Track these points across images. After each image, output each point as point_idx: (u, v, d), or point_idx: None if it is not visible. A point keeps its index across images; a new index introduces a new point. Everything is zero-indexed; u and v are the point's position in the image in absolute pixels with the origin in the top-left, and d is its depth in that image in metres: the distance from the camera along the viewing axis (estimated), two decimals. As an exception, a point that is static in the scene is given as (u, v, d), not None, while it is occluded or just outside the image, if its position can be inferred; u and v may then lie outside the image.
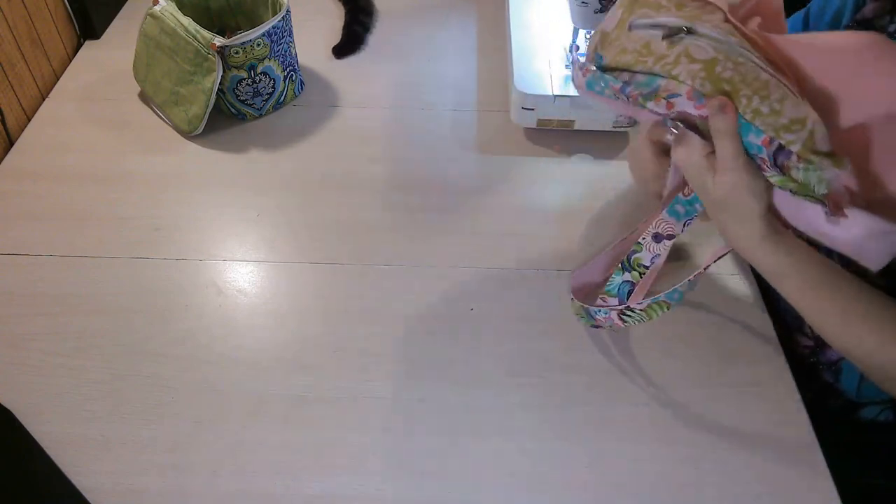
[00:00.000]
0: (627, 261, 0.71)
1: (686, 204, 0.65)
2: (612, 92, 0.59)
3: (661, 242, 0.69)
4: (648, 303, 0.67)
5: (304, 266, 0.83)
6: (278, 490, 0.65)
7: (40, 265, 0.83)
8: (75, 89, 1.07)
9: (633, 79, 0.57)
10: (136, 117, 1.02)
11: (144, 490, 0.64)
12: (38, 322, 0.77)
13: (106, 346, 0.75)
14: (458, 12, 1.25)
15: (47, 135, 0.99)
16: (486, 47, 1.17)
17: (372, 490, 0.65)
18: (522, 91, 0.94)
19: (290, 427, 0.69)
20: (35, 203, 0.90)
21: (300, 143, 0.99)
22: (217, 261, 0.84)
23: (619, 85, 0.58)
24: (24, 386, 0.72)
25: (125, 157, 0.96)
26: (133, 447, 0.67)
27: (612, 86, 0.59)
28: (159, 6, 0.96)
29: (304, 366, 0.74)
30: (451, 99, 1.07)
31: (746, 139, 0.54)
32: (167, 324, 0.77)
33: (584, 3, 0.89)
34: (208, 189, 0.92)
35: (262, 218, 0.89)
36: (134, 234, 0.86)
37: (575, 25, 0.96)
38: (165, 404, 0.70)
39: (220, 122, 1.01)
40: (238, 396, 0.71)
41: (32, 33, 1.03)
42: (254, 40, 0.93)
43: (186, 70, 0.95)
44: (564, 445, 0.68)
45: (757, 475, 0.66)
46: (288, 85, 1.03)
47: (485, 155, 0.98)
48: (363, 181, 0.94)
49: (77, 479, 0.65)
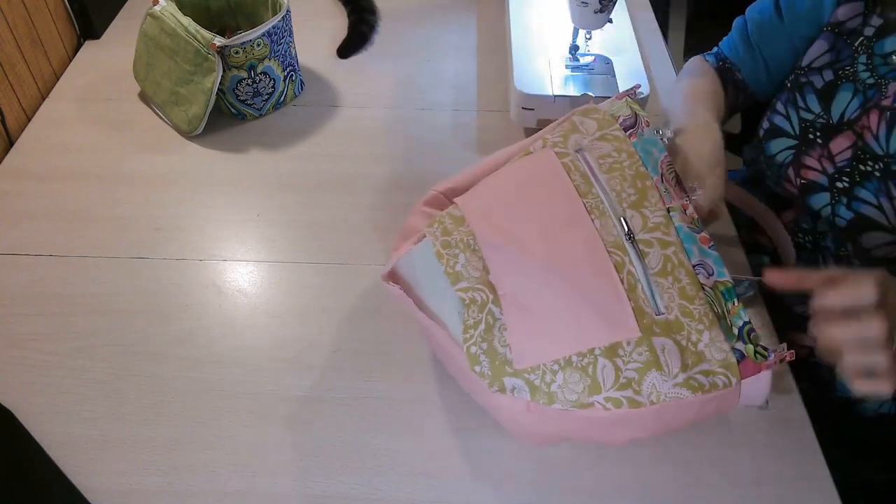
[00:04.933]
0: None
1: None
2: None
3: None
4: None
5: (304, 266, 0.83)
6: (278, 490, 0.64)
7: (40, 265, 0.83)
8: (75, 89, 1.07)
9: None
10: (136, 117, 1.02)
11: (144, 490, 0.64)
12: (38, 322, 0.77)
13: (106, 346, 0.75)
14: (458, 12, 1.25)
15: (47, 135, 0.99)
16: (486, 47, 1.17)
17: (372, 490, 0.65)
18: (522, 91, 0.94)
19: (290, 427, 0.69)
20: (35, 203, 0.90)
21: (300, 143, 0.99)
22: (217, 261, 0.84)
23: None
24: (24, 386, 0.72)
25: (125, 157, 0.96)
26: (133, 447, 0.67)
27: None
28: (159, 6, 0.96)
29: (304, 366, 0.74)
30: (451, 99, 1.07)
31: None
32: (167, 324, 0.77)
33: (584, 3, 0.89)
34: (208, 189, 0.92)
35: (262, 218, 0.89)
36: (134, 234, 0.86)
37: (575, 25, 0.96)
38: (165, 404, 0.70)
39: (220, 122, 1.01)
40: (238, 396, 0.71)
41: (32, 33, 1.03)
42: (254, 40, 0.93)
43: (186, 70, 0.95)
44: (566, 445, 0.68)
45: (757, 476, 0.66)
46: (288, 85, 1.03)
47: (485, 155, 0.98)
48: (363, 181, 0.94)
49: (77, 479, 0.65)
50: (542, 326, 0.55)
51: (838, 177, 0.73)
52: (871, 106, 0.71)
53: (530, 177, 0.62)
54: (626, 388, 0.53)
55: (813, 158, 0.76)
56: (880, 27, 0.70)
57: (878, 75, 0.70)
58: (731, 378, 0.53)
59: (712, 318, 0.54)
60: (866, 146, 0.71)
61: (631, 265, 0.56)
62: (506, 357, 0.56)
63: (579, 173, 0.61)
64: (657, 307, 0.55)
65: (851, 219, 0.73)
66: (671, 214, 0.58)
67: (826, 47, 0.74)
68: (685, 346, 0.54)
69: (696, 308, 0.55)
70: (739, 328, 0.54)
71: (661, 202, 0.59)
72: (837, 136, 0.73)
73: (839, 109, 0.73)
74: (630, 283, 0.55)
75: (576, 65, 0.99)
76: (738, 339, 0.54)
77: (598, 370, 0.54)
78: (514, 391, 0.56)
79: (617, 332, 0.54)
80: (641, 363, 0.54)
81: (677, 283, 0.55)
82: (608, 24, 0.93)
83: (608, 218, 0.58)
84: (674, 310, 0.55)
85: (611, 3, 0.89)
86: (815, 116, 0.75)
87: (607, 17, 0.92)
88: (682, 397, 0.53)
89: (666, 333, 0.54)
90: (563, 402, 0.55)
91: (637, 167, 0.61)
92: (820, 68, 0.75)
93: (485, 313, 0.57)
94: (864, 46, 0.71)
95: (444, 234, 0.60)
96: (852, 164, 0.72)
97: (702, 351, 0.54)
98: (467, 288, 0.57)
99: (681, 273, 0.56)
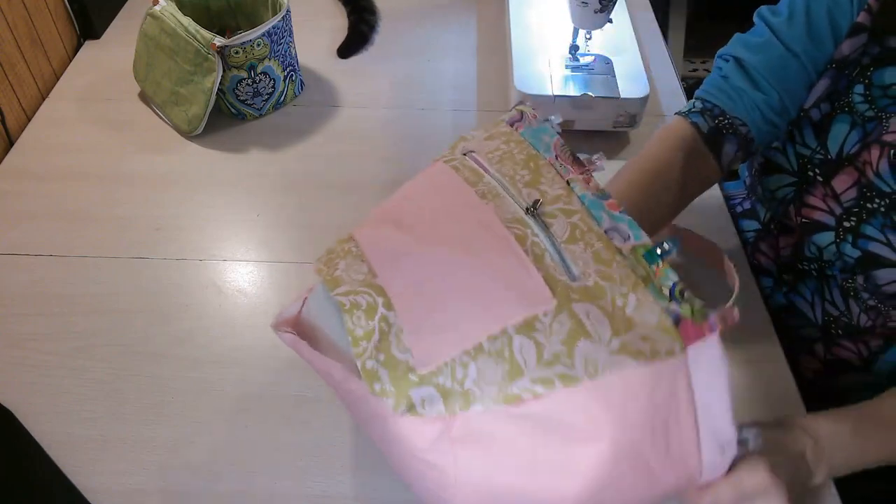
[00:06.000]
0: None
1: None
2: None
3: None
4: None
5: (304, 266, 0.83)
6: (278, 490, 0.64)
7: (40, 265, 0.83)
8: (75, 89, 1.07)
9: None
10: (136, 117, 1.02)
11: (144, 490, 0.64)
12: (38, 322, 0.77)
13: (106, 346, 0.75)
14: (458, 12, 1.25)
15: (47, 135, 0.99)
16: (486, 47, 1.17)
17: (372, 490, 0.65)
18: (522, 91, 0.94)
19: (290, 427, 0.69)
20: (35, 203, 0.90)
21: (300, 143, 0.99)
22: (217, 261, 0.84)
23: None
24: (24, 386, 0.72)
25: (125, 157, 0.96)
26: (133, 447, 0.67)
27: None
28: (159, 6, 0.96)
29: (304, 366, 0.73)
30: (451, 99, 1.07)
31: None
32: (167, 324, 0.77)
33: (584, 3, 0.89)
34: (208, 189, 0.92)
35: (262, 218, 0.89)
36: (134, 234, 0.86)
37: (575, 25, 0.96)
38: (165, 404, 0.70)
39: (220, 122, 1.01)
40: (238, 396, 0.71)
41: (32, 33, 1.03)
42: (254, 40, 0.93)
43: (186, 70, 0.95)
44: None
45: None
46: (288, 85, 1.03)
47: (485, 155, 0.98)
48: (363, 181, 0.94)
49: (77, 479, 0.65)
50: (445, 316, 0.48)
51: (846, 217, 0.69)
52: (871, 140, 0.67)
53: (417, 186, 0.59)
54: (555, 364, 0.46)
55: (816, 198, 0.72)
56: (877, 56, 0.66)
57: (878, 108, 0.66)
58: (674, 343, 0.46)
59: (635, 279, 0.48)
60: (871, 183, 0.67)
61: (534, 237, 0.51)
62: (408, 364, 0.47)
63: (468, 169, 0.57)
64: (571, 273, 0.49)
65: (859, 257, 0.69)
66: (571, 186, 0.54)
67: (827, 84, 0.69)
68: (611, 311, 0.47)
69: (614, 272, 0.48)
70: (670, 289, 0.48)
71: (559, 177, 0.55)
72: (839, 174, 0.70)
73: (836, 144, 0.69)
74: (536, 254, 0.50)
75: (576, 65, 0.99)
76: (670, 301, 0.47)
77: (514, 351, 0.46)
78: (424, 404, 0.47)
79: (528, 303, 0.47)
80: (565, 334, 0.46)
81: (590, 248, 0.50)
82: (608, 24, 0.93)
83: (503, 199, 0.54)
84: (591, 276, 0.48)
85: (611, 3, 0.89)
86: (812, 152, 0.71)
87: (607, 17, 0.92)
88: (623, 366, 0.45)
89: (587, 299, 0.47)
90: (482, 401, 0.46)
91: (528, 151, 0.58)
92: (817, 102, 0.70)
93: (376, 320, 0.49)
94: (860, 76, 0.67)
95: (329, 254, 0.56)
96: (860, 203, 0.68)
97: (630, 317, 0.47)
98: (347, 291, 0.51)
99: (591, 238, 0.50)
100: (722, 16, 0.88)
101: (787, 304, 0.81)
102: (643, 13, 1.24)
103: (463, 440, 0.47)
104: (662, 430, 0.46)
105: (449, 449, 0.47)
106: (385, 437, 0.51)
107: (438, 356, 0.47)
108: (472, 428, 0.47)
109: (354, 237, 0.56)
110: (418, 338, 0.48)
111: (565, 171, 0.55)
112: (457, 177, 0.56)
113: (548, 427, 0.46)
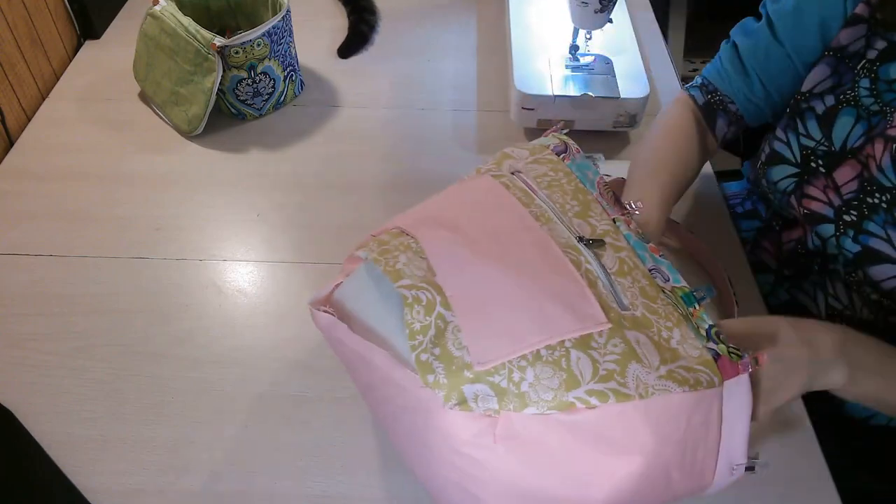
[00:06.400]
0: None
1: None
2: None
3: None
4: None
5: (304, 266, 0.83)
6: (278, 490, 0.64)
7: (40, 265, 0.83)
8: (75, 89, 1.07)
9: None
10: (136, 117, 1.02)
11: (144, 490, 0.64)
12: (38, 322, 0.77)
13: (106, 346, 0.75)
14: (458, 12, 1.25)
15: (47, 135, 0.99)
16: (486, 47, 1.17)
17: (372, 490, 0.65)
18: (522, 91, 0.94)
19: (290, 427, 0.69)
20: (35, 203, 0.90)
21: (300, 143, 0.99)
22: (217, 261, 0.84)
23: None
24: (24, 386, 0.72)
25: (125, 157, 0.96)
26: (133, 447, 0.67)
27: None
28: (159, 6, 0.96)
29: (304, 366, 0.74)
30: (451, 99, 1.07)
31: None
32: (167, 324, 0.77)
33: (584, 3, 0.89)
34: (208, 189, 0.92)
35: (262, 218, 0.89)
36: (134, 234, 0.86)
37: (575, 25, 0.96)
38: (165, 404, 0.70)
39: (220, 122, 1.01)
40: (238, 396, 0.71)
41: (32, 33, 1.03)
42: (254, 40, 0.93)
43: (186, 70, 0.95)
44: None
45: (759, 478, 0.66)
46: (288, 85, 1.03)
47: (485, 155, 0.98)
48: (363, 181, 0.94)
49: (77, 479, 0.65)
50: (502, 322, 0.51)
51: (845, 209, 0.70)
52: (875, 134, 0.67)
53: (469, 195, 0.61)
54: (609, 380, 0.48)
55: (817, 189, 0.72)
56: (884, 50, 0.66)
57: (883, 102, 0.67)
58: (714, 376, 0.50)
59: (678, 317, 0.53)
60: (873, 178, 0.68)
61: (588, 264, 0.54)
62: (463, 360, 0.49)
63: (518, 189, 0.60)
64: (622, 303, 0.53)
65: (858, 252, 0.69)
66: (617, 224, 0.58)
67: (828, 72, 0.70)
68: (658, 341, 0.51)
69: (659, 307, 0.53)
70: (707, 329, 0.52)
71: (606, 213, 0.59)
72: (842, 166, 0.70)
73: (841, 136, 0.70)
74: (590, 279, 0.53)
75: (576, 65, 0.99)
76: (708, 340, 0.52)
77: (572, 363, 0.49)
78: (477, 400, 0.48)
79: (585, 322, 0.50)
80: (619, 354, 0.50)
81: (637, 283, 0.54)
82: (608, 24, 0.93)
83: (556, 224, 0.57)
84: (639, 307, 0.53)
85: (611, 2, 0.89)
86: (817, 143, 0.72)
87: (607, 17, 0.92)
88: (670, 390, 0.49)
89: (636, 328, 0.51)
90: (537, 405, 0.48)
91: (576, 184, 0.61)
92: (821, 94, 0.71)
93: (433, 317, 0.51)
94: (866, 70, 0.68)
95: (381, 245, 0.57)
96: (860, 196, 0.69)
97: (675, 348, 0.51)
98: (410, 286, 0.52)
99: (638, 275, 0.55)
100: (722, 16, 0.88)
101: (789, 300, 0.82)
102: (643, 13, 1.24)
103: (506, 438, 0.48)
104: (691, 450, 0.50)
105: (491, 444, 0.48)
106: (417, 430, 0.52)
107: (496, 357, 0.49)
108: (516, 428, 0.48)
109: (411, 234, 0.57)
110: (476, 338, 0.50)
111: (610, 210, 0.59)
112: (510, 195, 0.59)
113: (589, 436, 0.48)
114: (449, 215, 0.58)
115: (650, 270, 0.55)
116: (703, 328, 0.52)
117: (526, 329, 0.50)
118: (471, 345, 0.50)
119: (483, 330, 0.50)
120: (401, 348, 0.52)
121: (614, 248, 0.56)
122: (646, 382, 0.49)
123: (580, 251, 0.55)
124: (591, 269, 0.54)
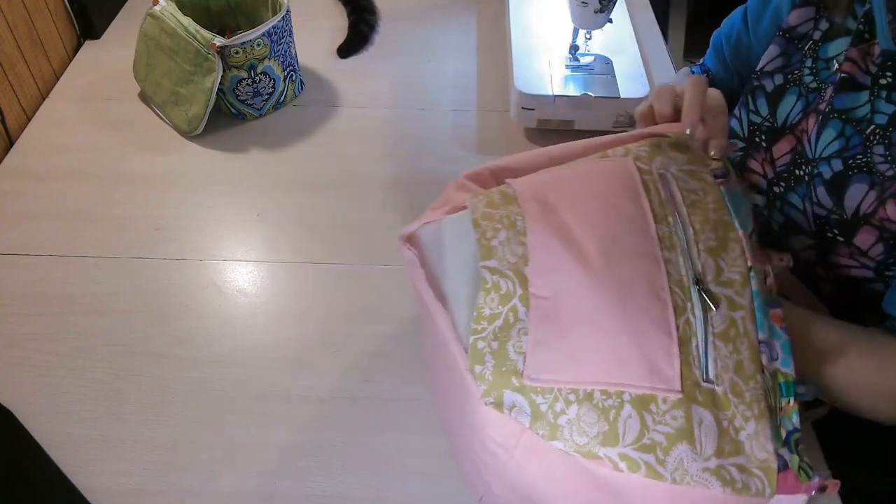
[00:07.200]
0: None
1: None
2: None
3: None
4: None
5: (304, 266, 0.83)
6: (278, 490, 0.64)
7: (40, 265, 0.83)
8: (75, 89, 1.07)
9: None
10: (136, 117, 1.02)
11: (144, 490, 0.64)
12: (38, 322, 0.77)
13: (106, 346, 0.75)
14: (458, 12, 1.25)
15: (47, 135, 0.99)
16: (486, 47, 1.17)
17: (372, 490, 0.65)
18: (522, 91, 0.94)
19: (290, 427, 0.69)
20: (35, 203, 0.90)
21: (300, 143, 0.99)
22: (217, 261, 0.84)
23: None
24: (24, 386, 0.72)
25: (125, 157, 0.96)
26: (133, 447, 0.67)
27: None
28: (159, 6, 0.96)
29: (304, 366, 0.74)
30: (451, 99, 1.07)
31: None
32: (167, 324, 0.77)
33: (584, 3, 0.89)
34: (208, 189, 0.92)
35: (262, 218, 0.89)
36: (134, 234, 0.86)
37: (575, 25, 0.96)
38: (165, 404, 0.70)
39: (220, 122, 1.01)
40: (238, 396, 0.71)
41: (32, 33, 1.03)
42: (254, 40, 0.93)
43: (186, 70, 0.95)
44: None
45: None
46: (288, 85, 1.03)
47: (485, 155, 0.98)
48: (363, 181, 0.94)
49: (77, 479, 0.65)
50: (572, 344, 0.47)
51: (776, 181, 0.73)
52: (810, 110, 0.70)
53: (602, 181, 0.54)
54: (649, 452, 0.45)
55: (756, 161, 0.76)
56: (826, 31, 0.69)
57: (820, 79, 0.70)
58: (767, 487, 0.45)
59: (763, 408, 0.46)
60: (803, 151, 0.71)
61: (691, 313, 0.48)
62: (516, 367, 0.47)
63: (658, 197, 0.53)
64: (706, 372, 0.47)
65: (782, 223, 0.73)
66: (751, 275, 0.50)
67: (778, 52, 0.73)
68: (725, 427, 0.46)
69: (748, 390, 0.47)
70: (788, 432, 0.46)
71: (745, 258, 0.50)
72: (780, 141, 0.73)
73: (784, 113, 0.73)
74: (685, 334, 0.47)
75: (576, 65, 0.99)
76: (783, 445, 0.46)
77: (621, 418, 0.45)
78: (512, 410, 0.46)
79: (656, 381, 0.46)
80: (673, 429, 0.45)
81: (736, 354, 0.47)
82: (608, 24, 0.94)
83: (678, 254, 0.50)
84: (724, 382, 0.46)
85: (611, 2, 0.89)
86: (763, 120, 0.75)
87: (607, 17, 0.92)
88: (709, 486, 0.44)
89: (708, 406, 0.46)
90: (566, 442, 0.46)
91: (722, 214, 0.53)
92: (772, 72, 0.74)
93: (506, 308, 0.48)
94: (811, 50, 0.71)
95: (489, 207, 0.53)
96: (790, 168, 0.72)
97: (742, 441, 0.46)
98: (495, 269, 0.49)
99: (743, 345, 0.48)
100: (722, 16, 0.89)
101: None
102: (643, 13, 1.24)
103: (527, 451, 0.47)
104: None
105: (513, 449, 0.47)
106: (455, 401, 0.52)
107: (549, 379, 0.47)
108: (541, 449, 0.47)
109: (521, 205, 0.53)
110: (538, 349, 0.47)
111: (752, 256, 0.51)
112: (644, 201, 0.53)
113: (606, 488, 0.46)
114: (568, 199, 0.53)
115: (759, 342, 0.48)
116: (785, 429, 0.47)
117: (592, 362, 0.47)
118: (530, 353, 0.47)
119: (549, 343, 0.47)
120: (463, 321, 0.50)
121: (731, 305, 0.49)
122: (686, 469, 0.45)
123: (689, 296, 0.49)
124: (693, 322, 0.48)
